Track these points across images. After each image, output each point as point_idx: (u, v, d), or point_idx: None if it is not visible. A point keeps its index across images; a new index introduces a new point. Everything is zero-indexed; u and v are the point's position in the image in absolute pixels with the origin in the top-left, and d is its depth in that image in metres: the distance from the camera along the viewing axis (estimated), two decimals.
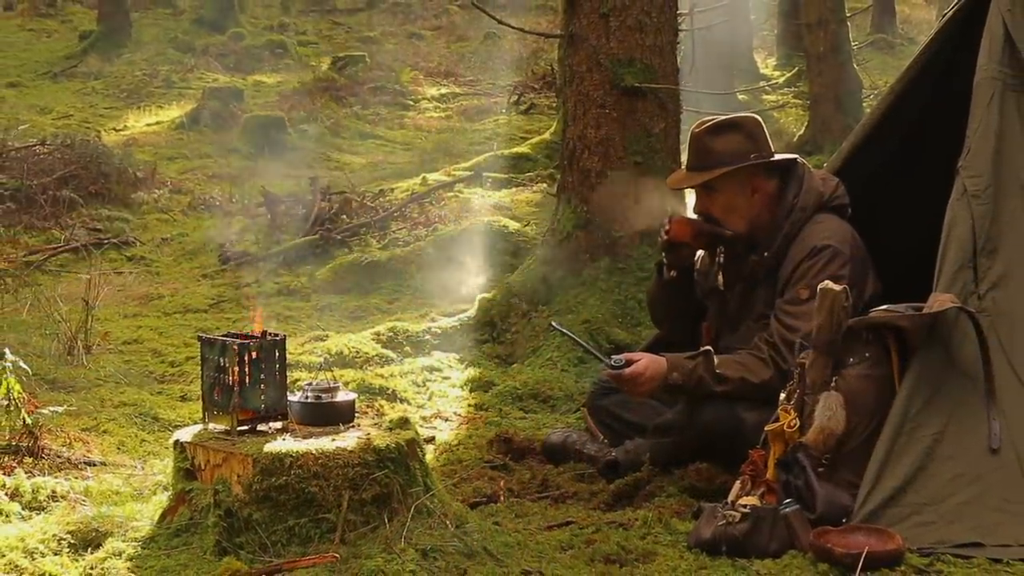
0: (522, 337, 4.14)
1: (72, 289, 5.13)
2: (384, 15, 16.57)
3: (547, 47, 11.15)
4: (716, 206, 2.84)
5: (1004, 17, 2.68)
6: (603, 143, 4.15)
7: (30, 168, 7.03)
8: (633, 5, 4.11)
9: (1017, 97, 2.66)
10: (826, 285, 2.45)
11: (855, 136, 3.11)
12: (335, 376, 3.21)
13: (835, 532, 2.28)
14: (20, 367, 2.98)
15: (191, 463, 2.35)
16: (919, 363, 2.44)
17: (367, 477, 2.23)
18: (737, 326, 2.89)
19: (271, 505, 2.20)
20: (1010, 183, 2.61)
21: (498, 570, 2.22)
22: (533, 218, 6.13)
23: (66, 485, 2.74)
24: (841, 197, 2.85)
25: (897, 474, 2.35)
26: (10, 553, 2.28)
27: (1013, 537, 2.30)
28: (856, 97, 8.12)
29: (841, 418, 2.43)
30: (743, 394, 2.70)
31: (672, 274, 2.93)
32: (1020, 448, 2.40)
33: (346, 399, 2.43)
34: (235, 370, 2.32)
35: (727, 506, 2.37)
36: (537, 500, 2.78)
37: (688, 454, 2.80)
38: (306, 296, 5.27)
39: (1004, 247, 2.55)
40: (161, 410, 3.61)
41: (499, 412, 3.58)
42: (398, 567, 2.12)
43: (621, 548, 2.36)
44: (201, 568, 2.17)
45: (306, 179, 7.09)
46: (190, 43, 13.49)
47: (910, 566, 2.22)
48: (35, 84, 11.85)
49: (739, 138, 2.82)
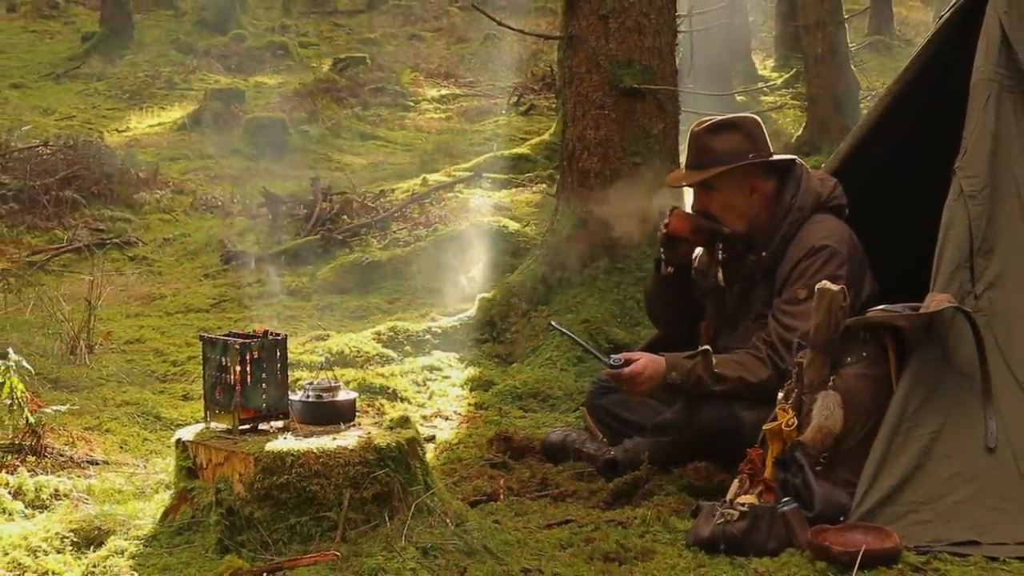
0: (522, 337, 4.15)
1: (75, 289, 5.15)
2: (385, 17, 16.59)
3: (547, 48, 11.16)
4: (714, 205, 2.85)
5: (1001, 19, 2.69)
6: (602, 144, 4.16)
7: (33, 169, 7.05)
8: (632, 7, 4.13)
9: (1013, 98, 2.67)
10: (824, 285, 2.46)
11: (852, 137, 3.12)
12: (336, 375, 3.24)
13: (833, 530, 2.29)
14: (23, 366, 2.99)
15: (193, 462, 2.36)
16: (916, 362, 2.45)
17: (368, 476, 2.24)
18: (735, 325, 2.90)
19: (272, 503, 2.21)
20: (1006, 184, 2.62)
21: (498, 568, 2.23)
22: (533, 218, 6.14)
23: (69, 484, 2.75)
24: (839, 198, 2.87)
25: (894, 473, 2.36)
26: (13, 551, 2.29)
27: (1009, 535, 2.31)
28: (854, 98, 8.13)
29: (839, 417, 2.44)
30: (741, 393, 2.71)
31: (669, 270, 2.94)
32: (1016, 447, 2.41)
33: (347, 398, 2.44)
34: (237, 369, 2.33)
35: (725, 504, 2.38)
36: (537, 498, 2.79)
37: (687, 453, 2.81)
38: (307, 296, 5.29)
39: (1000, 247, 2.56)
40: (163, 409, 3.62)
41: (499, 411, 3.59)
42: (399, 565, 2.13)
43: (620, 546, 2.37)
44: (203, 566, 2.17)
45: (307, 180, 7.11)
46: (192, 45, 13.51)
47: (907, 564, 2.23)
48: (38, 85, 11.88)
49: (738, 138, 2.83)
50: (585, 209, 4.18)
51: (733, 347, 2.83)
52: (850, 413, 2.44)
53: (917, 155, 3.04)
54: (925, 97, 2.97)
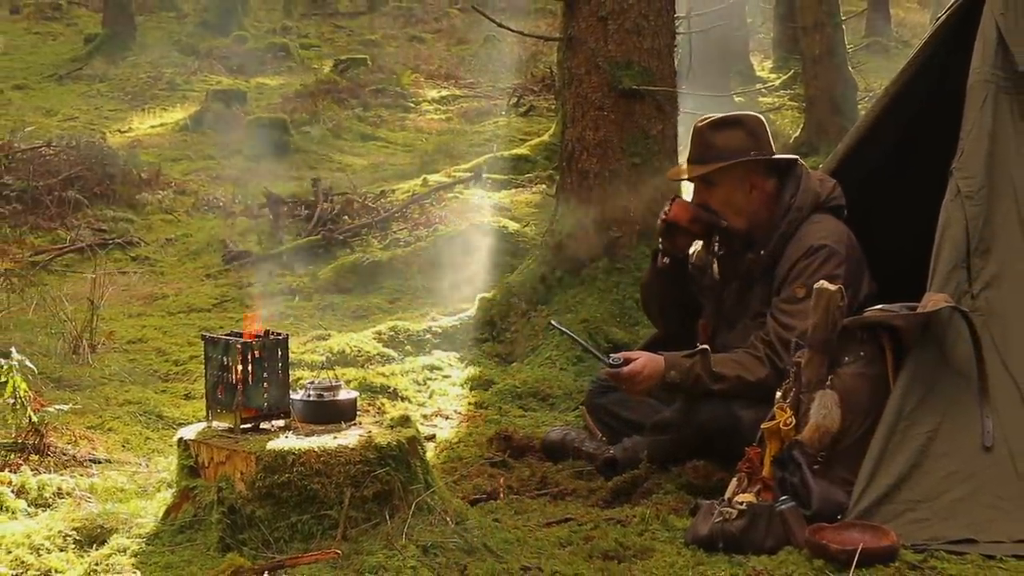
0: (521, 336, 4.17)
1: (77, 289, 5.17)
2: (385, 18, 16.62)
3: (546, 50, 11.16)
4: (714, 200, 2.86)
5: (997, 20, 2.70)
6: (601, 145, 4.17)
7: (36, 169, 7.07)
8: (631, 8, 4.14)
9: (1010, 99, 2.68)
10: (822, 284, 2.47)
11: (850, 138, 3.14)
12: (337, 375, 3.26)
13: (830, 529, 2.30)
14: (26, 366, 3.00)
15: (195, 460, 2.37)
16: (913, 362, 2.46)
17: (368, 474, 2.25)
18: (734, 324, 2.91)
19: (274, 502, 2.22)
20: (1003, 184, 2.63)
21: (498, 566, 2.24)
22: (532, 219, 6.15)
23: (71, 482, 2.76)
24: (838, 198, 2.88)
25: (891, 471, 2.37)
26: (16, 549, 2.30)
27: (1006, 533, 2.32)
28: (851, 99, 8.13)
29: (836, 416, 2.45)
30: (740, 392, 2.72)
31: (665, 261, 2.95)
32: (1013, 446, 2.42)
33: (348, 397, 2.45)
34: (238, 369, 2.34)
35: (724, 503, 2.39)
36: (536, 497, 2.80)
37: (685, 452, 2.82)
38: (308, 296, 5.30)
39: (997, 247, 2.57)
40: (165, 408, 3.64)
41: (499, 410, 3.61)
42: (399, 563, 2.14)
43: (619, 544, 2.38)
44: (205, 564, 2.19)
45: (308, 180, 7.14)
46: (194, 46, 13.54)
47: (904, 562, 2.23)
48: (41, 86, 11.91)
49: (740, 135, 2.84)
50: (584, 209, 4.19)
51: (731, 346, 2.84)
52: (847, 412, 2.45)
53: (914, 156, 3.05)
54: (922, 98, 2.97)
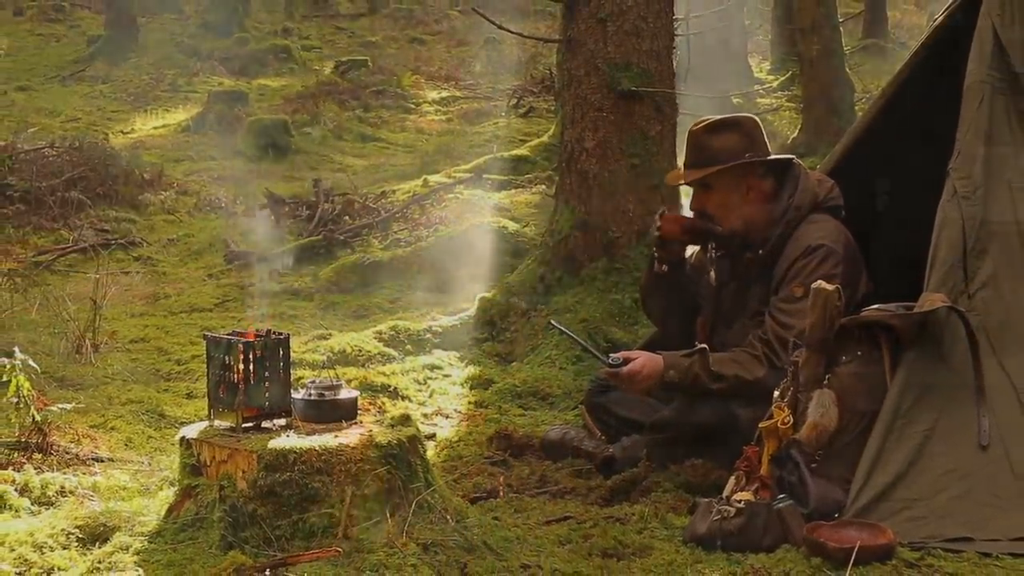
0: (521, 336, 4.18)
1: (80, 289, 5.18)
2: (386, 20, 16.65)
3: (546, 51, 11.18)
4: (712, 203, 2.87)
5: (994, 22, 2.71)
6: (600, 146, 4.18)
7: (39, 170, 7.09)
8: (630, 10, 4.15)
9: (1006, 100, 2.69)
10: (819, 284, 2.48)
11: (848, 138, 3.15)
12: (338, 374, 3.27)
13: (828, 527, 2.31)
14: (29, 365, 3.01)
15: (197, 459, 2.38)
16: (910, 361, 2.47)
17: (369, 473, 2.25)
18: (732, 323, 2.92)
19: (275, 500, 2.22)
20: (999, 185, 2.64)
21: (498, 564, 2.25)
22: (532, 219, 6.16)
23: (74, 481, 2.77)
24: (836, 198, 2.89)
25: (888, 470, 2.38)
26: (19, 547, 2.31)
27: (1002, 531, 2.33)
28: (848, 101, 8.14)
29: (834, 415, 2.46)
30: (738, 391, 2.73)
31: (663, 268, 2.97)
32: (1009, 444, 2.43)
33: (349, 396, 2.46)
34: (240, 368, 2.35)
35: (722, 501, 2.40)
36: (536, 495, 2.81)
37: (684, 450, 2.83)
38: (309, 296, 5.32)
39: (993, 248, 2.58)
40: (167, 407, 3.65)
41: (499, 409, 3.62)
42: (400, 561, 2.15)
43: (618, 542, 2.39)
44: (206, 562, 2.19)
45: (309, 181, 7.16)
46: (195, 48, 13.56)
47: (901, 560, 2.24)
48: (44, 88, 11.94)
49: (736, 137, 2.85)
50: (584, 210, 4.21)
51: (730, 345, 2.84)
52: (845, 411, 2.46)
53: (911, 157, 3.06)
54: (919, 99, 2.99)
